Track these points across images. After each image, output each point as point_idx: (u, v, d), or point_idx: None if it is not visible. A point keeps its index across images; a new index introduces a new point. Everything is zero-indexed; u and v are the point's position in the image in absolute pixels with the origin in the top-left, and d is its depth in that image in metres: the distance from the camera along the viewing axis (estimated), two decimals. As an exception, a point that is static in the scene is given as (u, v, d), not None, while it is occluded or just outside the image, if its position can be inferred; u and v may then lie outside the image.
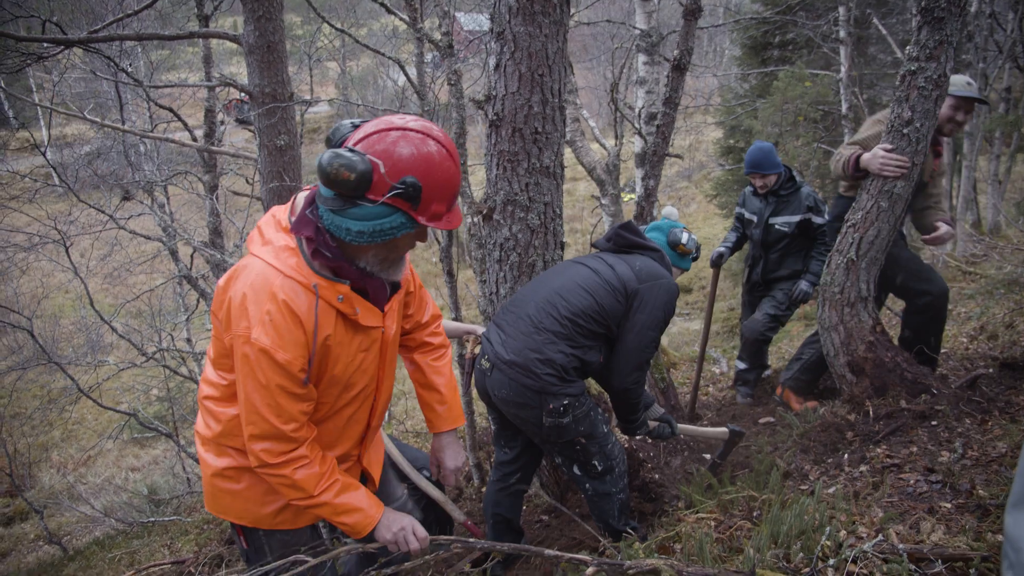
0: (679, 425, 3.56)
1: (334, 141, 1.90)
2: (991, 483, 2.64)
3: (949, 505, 2.55)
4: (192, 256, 9.69)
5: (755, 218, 5.35)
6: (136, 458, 14.79)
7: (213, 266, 8.04)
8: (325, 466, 2.11)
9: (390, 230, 1.87)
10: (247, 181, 9.30)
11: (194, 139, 7.72)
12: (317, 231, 1.94)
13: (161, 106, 7.74)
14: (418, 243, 2.05)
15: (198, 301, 9.97)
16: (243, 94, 5.83)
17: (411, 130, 1.85)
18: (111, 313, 11.09)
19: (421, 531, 2.23)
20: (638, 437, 3.53)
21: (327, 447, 2.25)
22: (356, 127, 1.90)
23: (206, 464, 2.24)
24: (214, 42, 7.79)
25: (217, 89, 7.97)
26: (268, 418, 1.97)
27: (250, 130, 7.65)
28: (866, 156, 3.91)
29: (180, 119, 7.83)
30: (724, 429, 3.84)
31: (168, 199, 10.45)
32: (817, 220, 5.14)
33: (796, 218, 5.17)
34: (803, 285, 5.19)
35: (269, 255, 1.96)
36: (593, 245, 3.53)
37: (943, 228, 4.29)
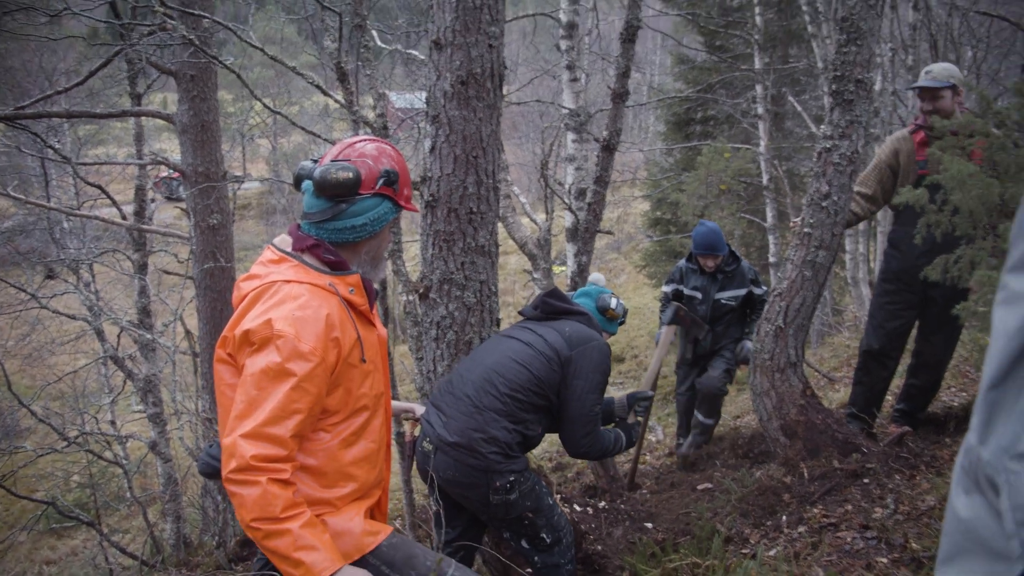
0: (644, 381, 3.62)
1: (307, 171, 2.22)
2: (923, 536, 2.74)
3: (885, 560, 2.63)
4: (119, 336, 9.41)
5: (699, 295, 5.52)
6: (52, 550, 13.94)
7: (141, 346, 7.83)
8: (299, 497, 2.02)
9: (384, 216, 2.23)
10: (177, 260, 9.14)
11: (124, 217, 7.60)
12: (318, 241, 2.20)
13: (90, 183, 7.57)
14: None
15: (124, 382, 9.64)
16: (171, 170, 5.81)
17: (364, 140, 2.27)
18: (30, 395, 10.62)
19: None
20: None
21: (370, 471, 2.28)
22: (316, 161, 2.25)
23: None
24: (144, 118, 7.76)
25: (148, 167, 7.91)
26: (270, 413, 1.96)
27: (180, 208, 7.56)
28: None
29: (109, 196, 7.67)
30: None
31: (93, 277, 10.18)
32: (757, 291, 5.44)
33: (742, 292, 5.43)
34: (747, 344, 5.39)
35: (278, 277, 2.13)
36: (520, 313, 3.59)
37: None
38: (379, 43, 8.62)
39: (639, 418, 3.50)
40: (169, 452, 8.07)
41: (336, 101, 5.08)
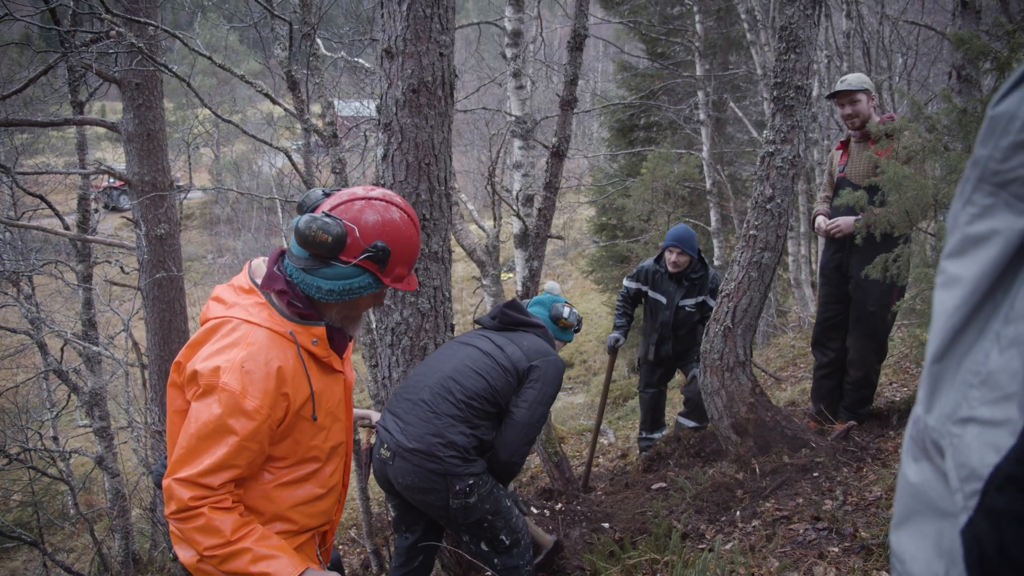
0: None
1: (307, 207, 2.03)
2: (871, 525, 2.85)
3: (837, 549, 2.74)
4: (62, 349, 9.17)
5: (664, 299, 5.54)
6: (-11, 574, 13.47)
7: (86, 359, 7.65)
8: (245, 516, 1.99)
9: (358, 289, 2.02)
10: (122, 270, 8.95)
11: (66, 227, 7.41)
12: (288, 284, 2.04)
13: (31, 193, 7.37)
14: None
15: (68, 396, 9.39)
16: (112, 179, 5.72)
17: (376, 199, 2.03)
18: (-34, 414, 10.28)
19: None
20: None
21: (312, 516, 2.18)
22: (327, 195, 2.05)
23: None
24: (85, 126, 7.56)
25: (91, 176, 7.73)
26: (206, 466, 1.89)
27: (125, 217, 7.40)
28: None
29: (51, 207, 7.48)
30: (553, 537, 3.85)
31: (33, 289, 9.90)
32: (711, 302, 5.40)
33: (700, 299, 5.47)
34: (696, 370, 5.35)
35: (241, 313, 2.00)
36: (477, 322, 3.64)
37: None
38: (324, 51, 8.58)
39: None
40: (116, 467, 7.89)
41: (286, 109, 5.07)
